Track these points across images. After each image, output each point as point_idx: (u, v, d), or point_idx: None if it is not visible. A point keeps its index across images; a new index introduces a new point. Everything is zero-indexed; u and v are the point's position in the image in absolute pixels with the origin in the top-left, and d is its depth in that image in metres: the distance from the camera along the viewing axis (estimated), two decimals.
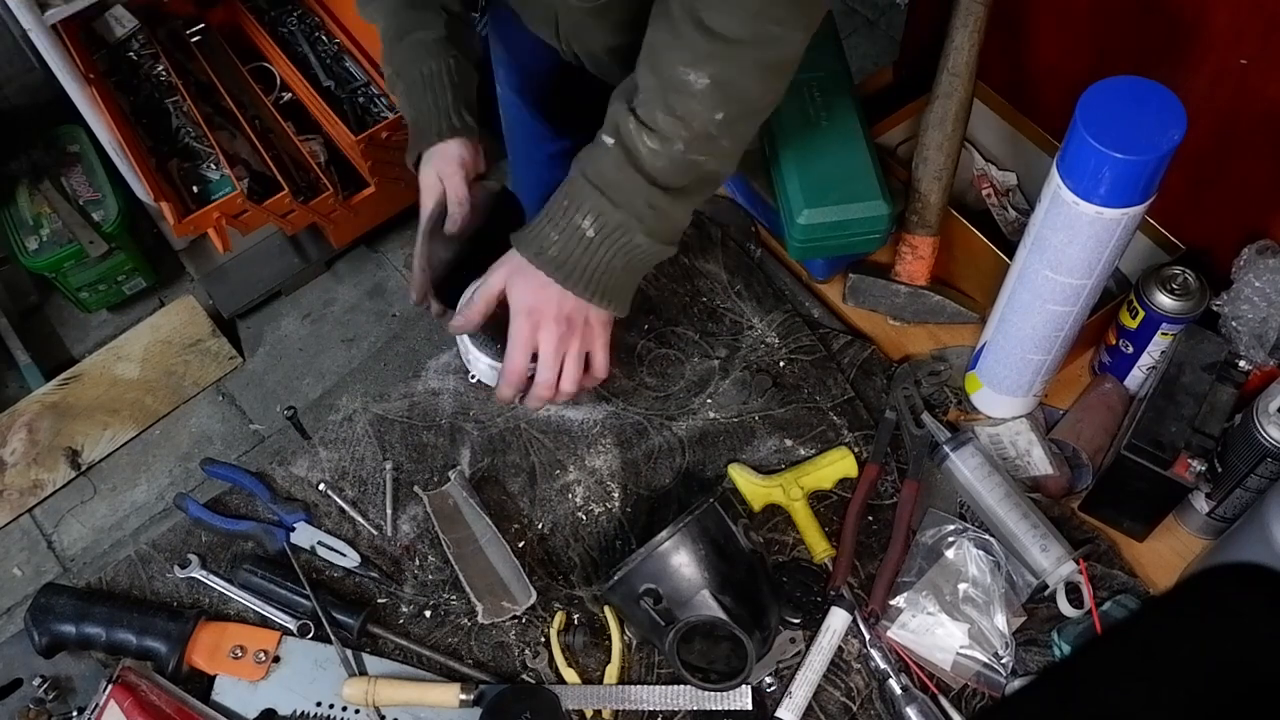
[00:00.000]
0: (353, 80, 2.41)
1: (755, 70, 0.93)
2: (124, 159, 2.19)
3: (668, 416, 1.15)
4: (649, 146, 0.94)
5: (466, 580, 1.03)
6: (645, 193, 0.95)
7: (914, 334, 1.21)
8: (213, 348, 2.39)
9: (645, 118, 0.93)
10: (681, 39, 0.91)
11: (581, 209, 0.97)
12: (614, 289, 1.00)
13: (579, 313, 1.01)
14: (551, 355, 1.01)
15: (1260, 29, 0.96)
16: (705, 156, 0.95)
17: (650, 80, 0.94)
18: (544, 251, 0.98)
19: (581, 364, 1.03)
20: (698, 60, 0.91)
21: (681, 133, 0.93)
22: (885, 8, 2.76)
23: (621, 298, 1.02)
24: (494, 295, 1.02)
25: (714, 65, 0.91)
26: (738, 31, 0.89)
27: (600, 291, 1.00)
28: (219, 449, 2.27)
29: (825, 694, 0.99)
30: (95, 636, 1.00)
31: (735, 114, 0.94)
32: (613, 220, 0.96)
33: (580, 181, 0.97)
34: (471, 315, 1.03)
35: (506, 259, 1.02)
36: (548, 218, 0.99)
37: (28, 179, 2.33)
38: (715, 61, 0.91)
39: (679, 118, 0.92)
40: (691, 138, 0.93)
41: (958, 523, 1.05)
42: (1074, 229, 0.91)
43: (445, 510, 1.08)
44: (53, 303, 2.48)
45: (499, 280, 1.01)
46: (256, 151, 2.27)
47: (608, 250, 0.98)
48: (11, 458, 2.24)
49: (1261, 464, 0.95)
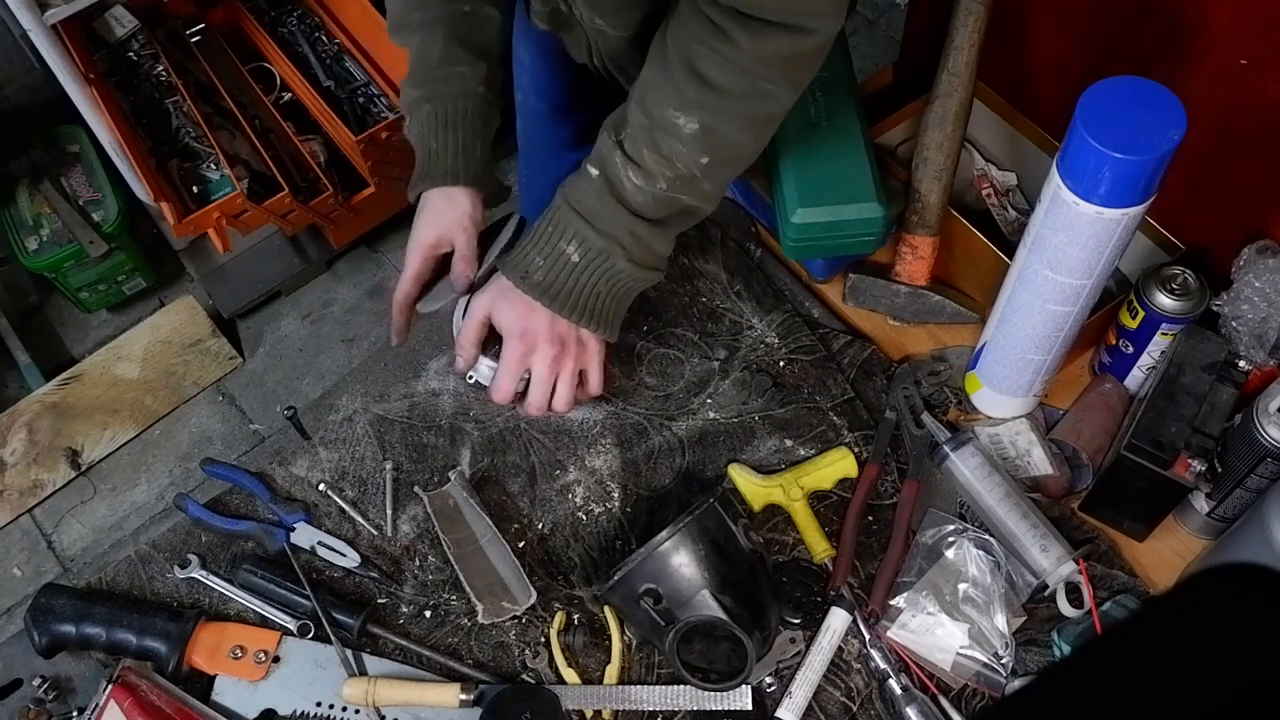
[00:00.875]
0: (353, 80, 2.41)
1: (742, 121, 0.95)
2: (124, 159, 2.19)
3: (667, 416, 1.15)
4: (633, 182, 0.96)
5: (466, 580, 1.03)
6: (626, 222, 0.97)
7: (914, 334, 1.21)
8: (213, 348, 2.39)
9: (632, 153, 0.95)
10: (674, 83, 0.93)
11: (565, 235, 0.99)
12: (600, 313, 1.02)
13: (571, 333, 1.03)
14: (544, 377, 1.04)
15: (1260, 29, 0.96)
16: (686, 195, 0.97)
17: (640, 118, 0.95)
18: (529, 276, 1.00)
19: (574, 383, 1.06)
20: (687, 105, 0.93)
21: (665, 172, 0.95)
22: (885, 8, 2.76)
23: (607, 322, 1.04)
24: (479, 323, 1.05)
25: (703, 112, 0.93)
26: (728, 83, 0.91)
27: (586, 315, 1.02)
28: (219, 449, 2.27)
29: (825, 694, 0.99)
30: (95, 636, 1.00)
31: (719, 160, 0.96)
32: (595, 246, 0.98)
33: (565, 209, 0.99)
34: (466, 349, 1.06)
35: (490, 285, 1.05)
36: (533, 243, 1.01)
37: (28, 179, 2.33)
38: (704, 109, 0.93)
39: (664, 157, 0.94)
40: (675, 178, 0.95)
41: (958, 523, 1.05)
42: (1074, 229, 0.91)
43: (445, 510, 1.08)
44: (53, 303, 2.48)
45: (483, 307, 1.04)
46: (256, 151, 2.27)
47: (591, 275, 1.00)
48: (11, 458, 2.24)
49: (1261, 464, 0.95)
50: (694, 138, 0.93)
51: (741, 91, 0.92)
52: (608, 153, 0.97)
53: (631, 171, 0.96)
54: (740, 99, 0.92)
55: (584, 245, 0.98)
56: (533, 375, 1.04)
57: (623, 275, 1.00)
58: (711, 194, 0.99)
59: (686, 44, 0.92)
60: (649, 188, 0.96)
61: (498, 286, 1.03)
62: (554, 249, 0.99)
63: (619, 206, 0.97)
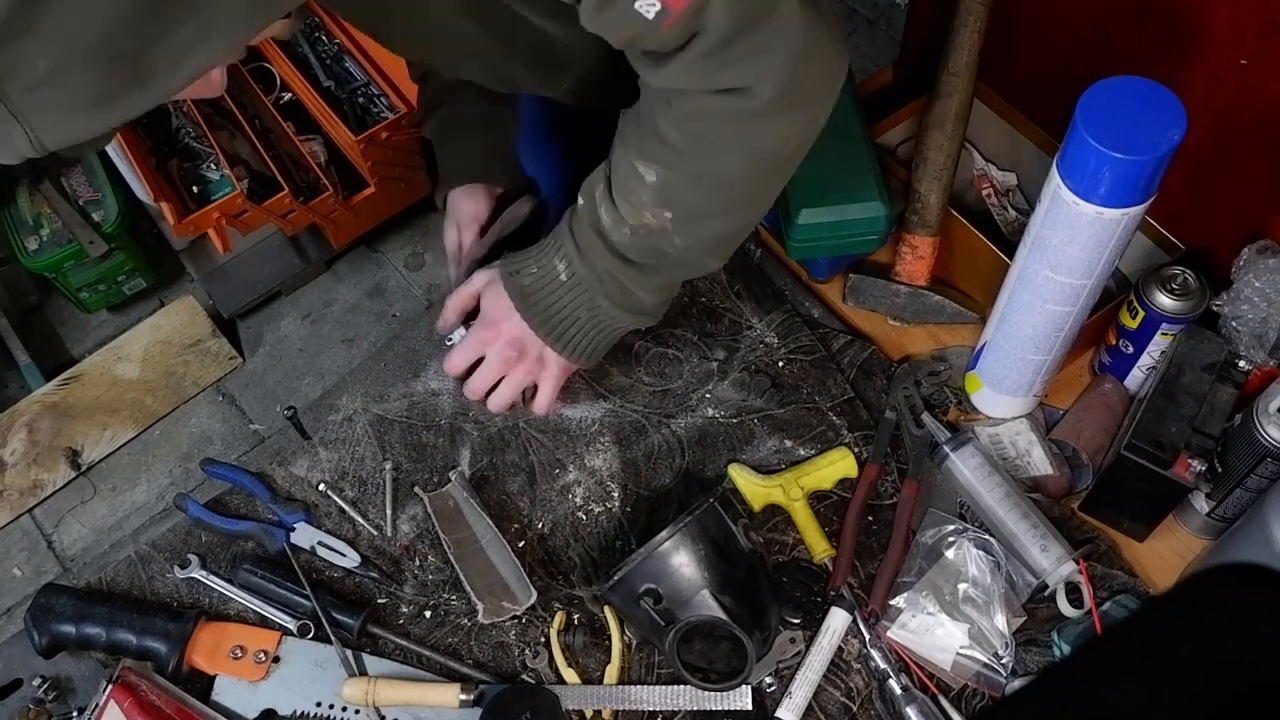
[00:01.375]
0: (353, 80, 2.41)
1: (694, 180, 0.91)
2: (124, 159, 2.19)
3: (666, 414, 1.15)
4: (610, 219, 0.94)
5: (467, 580, 1.03)
6: (605, 260, 0.96)
7: (914, 334, 1.21)
8: (213, 348, 2.39)
9: (614, 192, 0.94)
10: (640, 131, 0.91)
11: (559, 252, 0.98)
12: (573, 339, 1.01)
13: (534, 345, 1.02)
14: (491, 372, 1.05)
15: (1260, 29, 0.96)
16: (661, 244, 0.94)
17: (618, 160, 0.94)
18: (517, 276, 1.00)
19: (518, 392, 1.06)
20: (644, 155, 0.90)
21: (631, 219, 0.93)
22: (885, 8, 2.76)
23: (580, 351, 1.02)
24: (470, 294, 1.05)
25: (659, 166, 0.90)
26: (672, 138, 0.88)
27: (554, 335, 1.01)
28: (219, 449, 2.27)
29: (825, 694, 0.99)
30: (95, 636, 1.00)
31: (681, 216, 0.92)
32: (579, 273, 0.97)
33: (564, 227, 0.98)
34: (449, 314, 1.07)
35: (495, 265, 1.05)
36: (539, 248, 1.01)
37: (28, 179, 2.33)
38: (660, 163, 0.90)
39: (631, 204, 0.93)
40: (639, 225, 0.93)
41: (958, 523, 1.05)
42: (1074, 229, 0.91)
43: (445, 510, 1.08)
44: (53, 303, 2.48)
45: (479, 282, 1.05)
46: (256, 151, 2.27)
47: (574, 300, 0.99)
48: (11, 458, 2.24)
49: (1261, 464, 0.95)
50: (654, 189, 0.91)
51: (685, 148, 0.88)
52: (597, 185, 0.95)
53: (606, 209, 0.94)
54: (687, 155, 0.89)
55: (571, 269, 0.97)
56: (482, 364, 1.05)
57: (603, 311, 0.99)
58: (685, 248, 0.94)
59: (645, 98, 0.91)
60: (619, 229, 0.94)
61: (498, 272, 1.04)
62: (548, 261, 0.99)
63: (599, 241, 0.95)
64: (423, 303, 2.43)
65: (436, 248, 2.54)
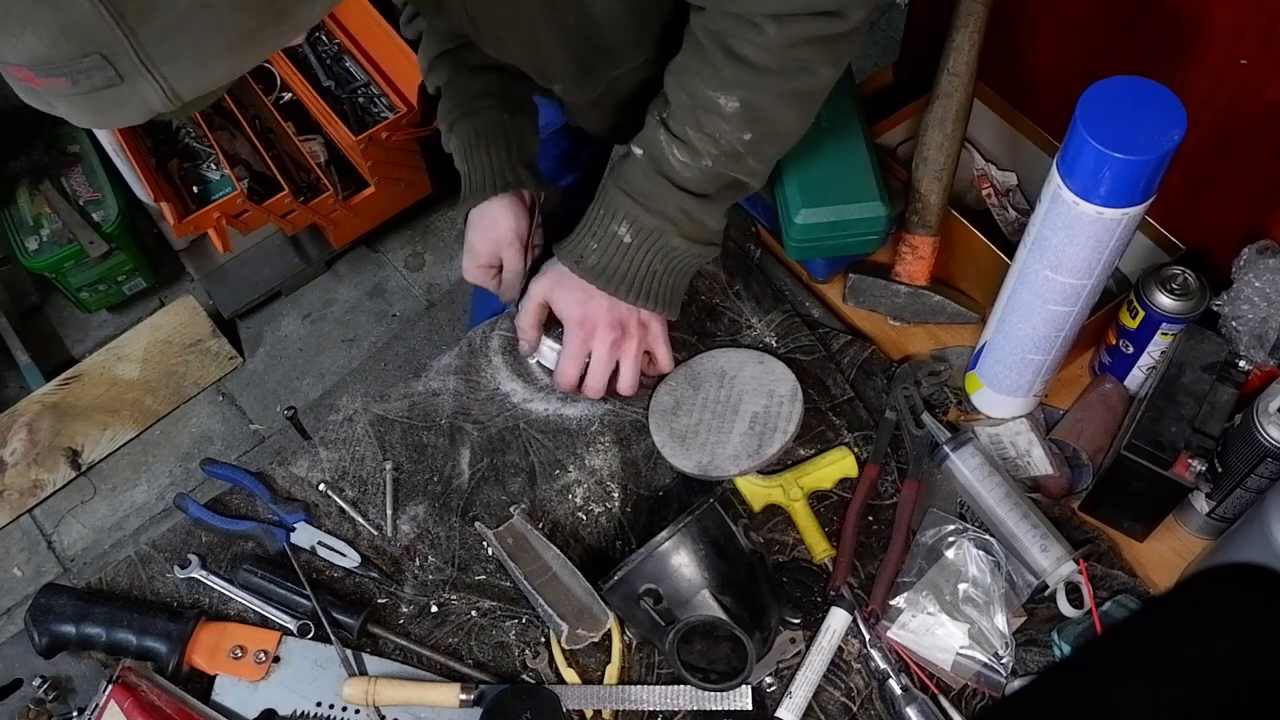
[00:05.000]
0: (353, 80, 2.41)
1: (782, 98, 0.95)
2: (124, 159, 2.19)
3: None
4: (679, 159, 0.97)
5: (552, 607, 1.00)
6: (675, 198, 0.98)
7: (914, 334, 1.21)
8: (213, 348, 2.39)
9: (676, 130, 0.96)
10: (710, 64, 0.93)
11: (616, 216, 1.00)
12: (658, 292, 1.03)
13: (631, 315, 1.04)
14: (604, 361, 1.05)
15: (1260, 29, 0.96)
16: (733, 170, 0.98)
17: (681, 97, 0.96)
18: (584, 260, 1.01)
19: (638, 365, 1.07)
20: (725, 85, 0.93)
21: (710, 149, 0.96)
22: (885, 8, 2.76)
23: (667, 300, 1.05)
24: (538, 305, 1.07)
25: (742, 90, 0.93)
26: (765, 61, 0.91)
27: (644, 294, 1.03)
28: (219, 449, 2.27)
29: (825, 694, 0.99)
30: (95, 637, 1.00)
31: (763, 135, 0.96)
32: (647, 225, 0.99)
33: (614, 191, 1.00)
34: (527, 332, 1.09)
35: (545, 271, 1.06)
36: (586, 227, 1.02)
37: (28, 179, 2.33)
38: (743, 87, 0.93)
39: (708, 135, 0.95)
40: (719, 154, 0.96)
41: (958, 523, 1.05)
42: (1074, 229, 0.91)
43: (512, 544, 1.06)
44: (53, 303, 2.48)
45: (541, 292, 1.06)
46: (256, 151, 2.27)
47: (646, 254, 1.01)
48: (11, 458, 2.24)
49: (1261, 464, 0.95)
50: (735, 115, 0.94)
51: (780, 69, 0.91)
52: (652, 133, 0.98)
53: (677, 149, 0.96)
54: (779, 76, 0.92)
55: (635, 225, 0.99)
56: (592, 359, 1.06)
57: (677, 252, 1.01)
58: (758, 170, 0.99)
59: (716, 29, 0.92)
60: (695, 164, 0.96)
61: (555, 272, 1.04)
62: (606, 231, 1.00)
63: (667, 184, 0.97)
64: (423, 303, 2.44)
65: (436, 248, 2.55)
